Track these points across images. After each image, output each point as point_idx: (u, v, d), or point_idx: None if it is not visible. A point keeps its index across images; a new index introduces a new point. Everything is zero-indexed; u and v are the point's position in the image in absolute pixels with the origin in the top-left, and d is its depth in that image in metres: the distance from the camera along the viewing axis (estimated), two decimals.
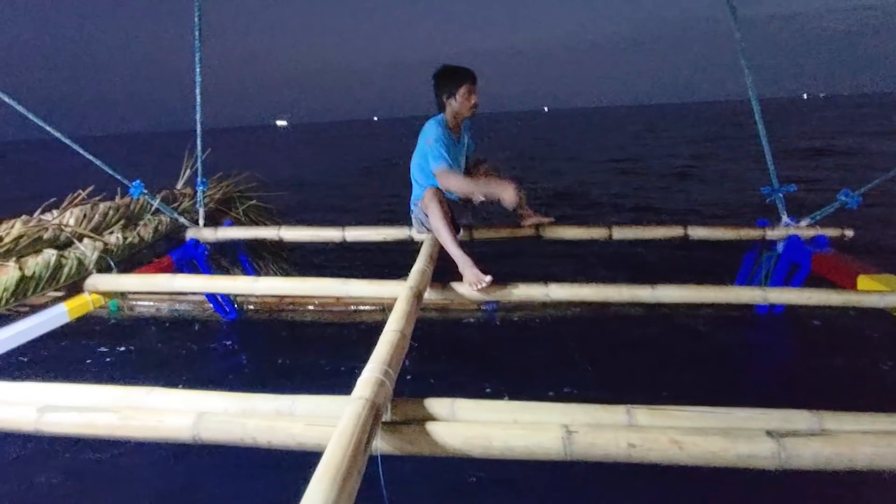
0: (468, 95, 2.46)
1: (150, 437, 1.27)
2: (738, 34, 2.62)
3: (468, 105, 2.48)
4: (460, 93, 2.45)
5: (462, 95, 2.45)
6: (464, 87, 2.44)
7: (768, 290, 2.02)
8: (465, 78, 2.45)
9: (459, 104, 2.47)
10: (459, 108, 2.49)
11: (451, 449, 1.17)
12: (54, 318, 2.15)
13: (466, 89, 2.45)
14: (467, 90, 2.45)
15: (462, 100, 2.46)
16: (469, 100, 2.47)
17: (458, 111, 2.50)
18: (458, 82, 2.44)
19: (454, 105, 2.48)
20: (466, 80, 2.45)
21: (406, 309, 1.63)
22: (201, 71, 2.90)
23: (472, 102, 2.49)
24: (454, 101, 2.47)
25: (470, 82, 2.45)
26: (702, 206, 7.27)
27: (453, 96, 2.46)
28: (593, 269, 4.23)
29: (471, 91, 2.46)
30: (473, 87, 2.47)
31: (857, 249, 2.71)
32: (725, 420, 1.18)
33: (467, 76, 2.45)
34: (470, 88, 2.46)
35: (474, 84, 2.47)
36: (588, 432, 1.14)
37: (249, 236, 3.14)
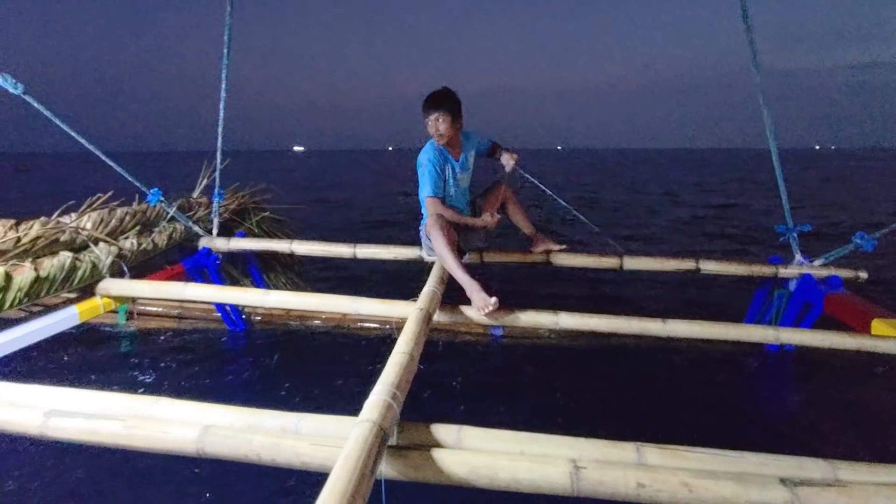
0: (431, 124, 2.43)
1: (154, 448, 1.26)
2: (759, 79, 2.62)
3: (432, 133, 2.45)
4: (426, 122, 2.44)
5: (428, 124, 2.44)
6: (425, 116, 2.43)
7: (781, 330, 2.00)
8: (424, 107, 2.42)
9: (428, 130, 2.47)
10: (431, 134, 2.47)
11: (456, 477, 1.15)
12: (65, 319, 2.17)
13: (427, 119, 2.43)
14: (429, 119, 2.43)
15: (428, 127, 2.45)
16: (428, 128, 2.45)
17: (432, 136, 2.48)
18: (423, 110, 2.44)
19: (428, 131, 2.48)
20: (423, 109, 2.43)
21: (415, 331, 1.62)
22: (227, 87, 2.97)
23: (431, 132, 2.45)
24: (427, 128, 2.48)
25: (425, 112, 2.42)
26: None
27: (424, 124, 2.47)
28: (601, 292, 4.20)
29: (427, 121, 2.43)
30: (428, 116, 2.42)
31: (870, 291, 2.68)
32: (737, 464, 1.16)
33: (424, 105, 2.42)
34: (426, 118, 2.42)
35: (428, 113, 2.42)
36: (596, 468, 1.13)
37: (261, 248, 3.15)
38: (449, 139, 2.48)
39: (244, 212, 3.54)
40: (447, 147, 2.54)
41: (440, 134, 2.44)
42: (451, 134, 2.45)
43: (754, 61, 2.62)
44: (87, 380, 2.69)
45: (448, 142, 2.50)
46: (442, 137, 2.45)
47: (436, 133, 2.44)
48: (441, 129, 2.42)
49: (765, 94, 2.63)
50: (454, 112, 2.43)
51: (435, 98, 2.41)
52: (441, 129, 2.42)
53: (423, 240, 2.65)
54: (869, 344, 1.92)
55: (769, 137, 2.69)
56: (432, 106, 2.41)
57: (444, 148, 2.53)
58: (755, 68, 2.62)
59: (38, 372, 2.78)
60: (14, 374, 2.69)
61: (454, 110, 2.43)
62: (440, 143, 2.49)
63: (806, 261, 2.80)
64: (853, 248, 2.61)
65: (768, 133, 2.69)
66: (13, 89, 2.09)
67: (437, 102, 2.40)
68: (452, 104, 2.43)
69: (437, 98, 2.41)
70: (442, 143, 2.48)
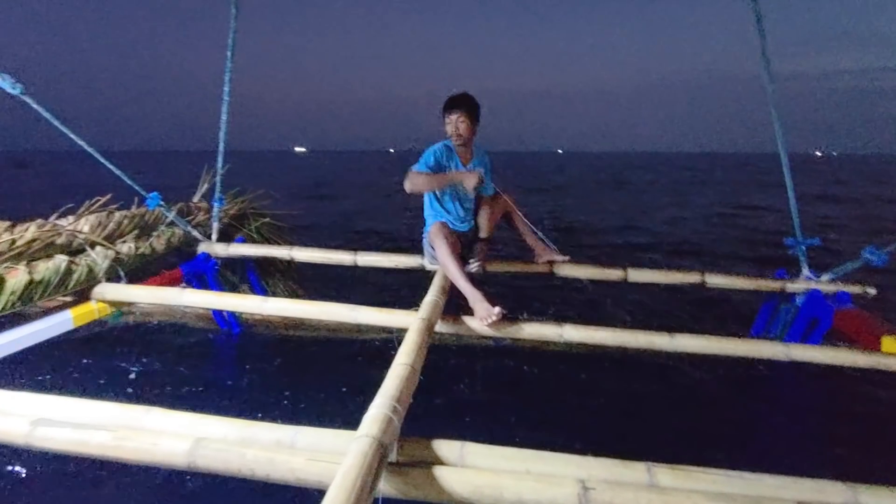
0: (451, 123, 2.48)
1: (143, 461, 1.21)
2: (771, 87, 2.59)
3: (451, 132, 2.50)
4: (446, 120, 2.50)
5: (447, 122, 2.49)
6: (446, 115, 2.49)
7: (791, 347, 1.95)
8: (448, 107, 2.49)
9: (447, 127, 2.51)
10: (448, 133, 2.52)
11: (458, 497, 1.10)
12: (59, 324, 2.12)
13: (448, 118, 2.48)
14: (449, 118, 2.48)
15: (448, 127, 2.50)
16: (451, 128, 2.49)
17: (449, 135, 2.52)
18: (444, 109, 2.50)
19: (446, 130, 2.52)
20: (447, 109, 2.49)
21: (417, 341, 1.58)
22: (230, 91, 2.95)
23: (451, 131, 2.50)
24: (445, 127, 2.52)
25: (447, 111, 2.48)
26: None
27: (444, 123, 2.52)
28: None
29: (448, 118, 2.48)
30: (451, 114, 2.47)
31: (880, 308, 2.63)
32: (754, 487, 1.11)
33: (450, 105, 2.49)
34: (450, 118, 2.48)
35: (452, 112, 2.47)
36: (606, 490, 1.07)
37: (261, 254, 3.11)
38: (465, 141, 2.52)
39: (243, 217, 3.50)
40: (462, 150, 2.56)
41: (459, 134, 2.48)
42: (468, 136, 2.50)
43: (767, 71, 2.59)
44: (79, 385, 2.63)
45: (463, 143, 2.53)
46: (460, 138, 2.49)
47: (455, 133, 2.48)
48: (461, 129, 2.47)
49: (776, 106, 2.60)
50: (474, 115, 2.50)
51: (459, 99, 2.48)
52: (461, 129, 2.47)
53: (426, 248, 2.61)
54: (882, 362, 1.88)
55: (781, 152, 2.66)
56: (456, 105, 2.47)
57: (455, 148, 2.54)
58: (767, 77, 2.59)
59: (28, 375, 2.71)
60: (2, 379, 2.63)
61: (475, 113, 2.51)
62: (456, 142, 2.53)
63: (813, 276, 2.76)
64: (863, 262, 2.57)
65: (780, 147, 2.65)
66: (11, 89, 2.06)
67: (460, 103, 2.47)
68: (474, 107, 2.50)
69: (460, 99, 2.48)
70: (459, 143, 2.52)
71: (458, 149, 2.55)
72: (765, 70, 2.60)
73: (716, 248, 7.45)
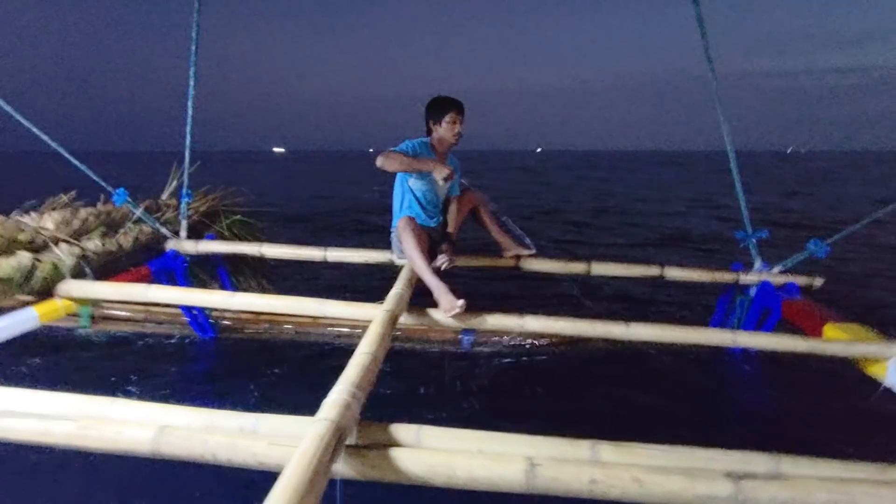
0: (453, 123, 2.56)
1: (108, 448, 1.24)
2: (715, 84, 2.76)
3: (452, 132, 2.58)
4: (446, 119, 2.55)
5: (447, 122, 2.55)
6: (450, 114, 2.55)
7: (738, 334, 2.07)
8: (453, 106, 2.56)
9: (445, 130, 2.57)
10: (444, 134, 2.58)
11: (413, 476, 1.16)
12: (24, 321, 2.10)
13: (451, 117, 2.55)
14: (452, 118, 2.55)
15: (447, 126, 2.56)
16: (453, 127, 2.57)
17: (443, 136, 2.59)
18: (446, 109, 2.55)
19: (440, 130, 2.58)
20: (453, 109, 2.55)
21: (380, 331, 1.63)
22: (195, 84, 2.95)
23: (456, 130, 2.58)
24: (440, 127, 2.58)
25: (456, 111, 2.56)
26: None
27: (439, 122, 2.57)
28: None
29: (456, 119, 2.56)
30: (459, 116, 2.57)
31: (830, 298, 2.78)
32: (687, 459, 1.20)
33: (454, 105, 2.56)
34: (455, 117, 2.56)
35: (460, 114, 2.57)
36: (552, 466, 1.15)
37: (230, 251, 3.12)
38: (452, 145, 2.63)
39: (214, 214, 3.50)
40: (440, 150, 2.63)
41: (456, 133, 2.58)
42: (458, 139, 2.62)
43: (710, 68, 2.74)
44: (44, 384, 2.61)
45: (450, 147, 2.64)
46: (456, 137, 2.58)
47: (452, 133, 2.57)
48: (458, 129, 2.58)
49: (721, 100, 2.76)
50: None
51: (458, 101, 2.58)
52: (458, 129, 2.58)
53: (394, 242, 2.66)
54: (819, 347, 2.00)
55: (728, 149, 2.80)
56: (458, 107, 2.56)
57: (433, 147, 2.61)
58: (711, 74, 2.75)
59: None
60: None
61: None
62: (453, 141, 2.61)
63: (765, 268, 2.89)
64: (808, 254, 2.71)
65: (727, 144, 2.79)
66: None
67: (461, 105, 2.57)
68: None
69: (459, 102, 2.58)
70: (455, 144, 2.62)
71: (437, 148, 2.62)
72: (709, 69, 2.76)
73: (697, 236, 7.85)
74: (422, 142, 2.58)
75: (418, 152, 2.52)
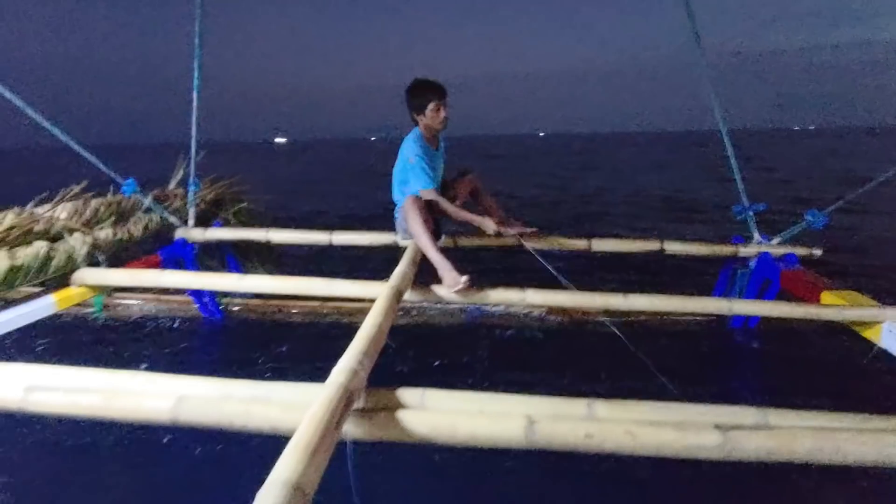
0: (437, 111, 2.55)
1: (131, 418, 1.32)
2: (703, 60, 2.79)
3: (438, 119, 2.57)
4: (430, 108, 2.54)
5: (431, 111, 2.54)
6: (432, 103, 2.53)
7: (734, 302, 2.12)
8: (434, 94, 2.53)
9: (430, 119, 2.56)
10: (430, 123, 2.58)
11: (418, 436, 1.23)
12: (42, 308, 2.19)
13: (435, 105, 2.54)
14: (436, 106, 2.54)
15: (432, 115, 2.55)
16: (439, 114, 2.56)
17: (429, 125, 2.59)
18: (427, 98, 2.53)
19: (425, 120, 2.58)
20: (434, 97, 2.53)
21: (385, 306, 1.70)
22: (200, 75, 3.00)
23: (442, 117, 2.57)
24: (424, 117, 2.57)
25: (438, 98, 2.53)
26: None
27: (423, 112, 2.56)
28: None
29: (439, 106, 2.54)
30: (442, 101, 2.55)
31: (832, 269, 2.82)
32: (679, 414, 1.26)
33: (435, 92, 2.53)
34: (438, 104, 2.54)
35: (443, 99, 2.55)
36: (549, 422, 1.21)
37: (238, 237, 3.19)
38: (440, 131, 2.64)
39: (221, 202, 3.56)
40: (431, 137, 2.65)
41: (442, 119, 2.57)
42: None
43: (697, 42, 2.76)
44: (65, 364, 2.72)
45: (433, 133, 2.64)
46: (443, 123, 2.58)
47: (439, 119, 2.56)
48: (444, 115, 2.56)
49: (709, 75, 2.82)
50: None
51: (438, 86, 2.54)
52: (444, 115, 2.56)
53: (399, 223, 2.71)
54: (814, 312, 2.05)
55: (721, 125, 2.83)
56: (439, 93, 2.53)
57: (426, 139, 2.62)
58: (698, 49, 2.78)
59: (14, 359, 2.79)
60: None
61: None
62: (441, 128, 2.61)
63: (765, 240, 2.92)
64: (805, 225, 2.74)
65: (719, 120, 2.82)
66: None
67: (442, 89, 2.54)
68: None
69: (439, 86, 2.54)
70: (442, 127, 2.61)
71: (427, 136, 2.63)
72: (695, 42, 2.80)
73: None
74: (418, 136, 2.58)
75: (425, 157, 2.54)
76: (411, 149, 2.55)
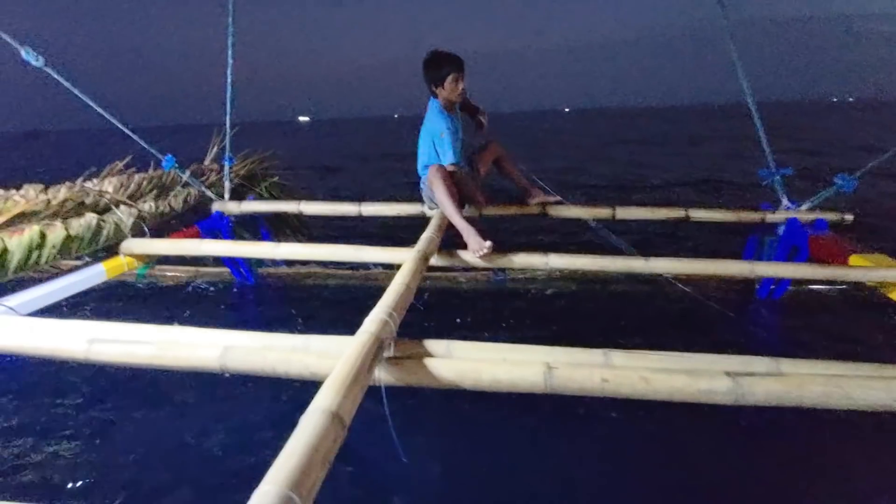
0: (455, 84, 2.58)
1: (183, 366, 1.45)
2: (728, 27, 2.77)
3: (457, 91, 2.60)
4: (447, 81, 2.57)
5: (450, 83, 2.57)
6: (451, 75, 2.56)
7: (756, 264, 2.14)
8: (451, 67, 2.55)
9: (448, 91, 2.59)
10: (448, 95, 2.61)
11: (445, 381, 1.32)
12: (93, 276, 2.36)
13: (453, 78, 2.56)
14: (454, 79, 2.56)
15: (450, 87, 2.58)
16: (456, 87, 2.59)
17: (447, 97, 2.63)
18: (445, 70, 2.55)
19: (443, 92, 2.61)
20: (452, 70, 2.55)
21: (412, 268, 1.78)
22: (233, 53, 3.10)
23: (460, 89, 2.60)
24: (443, 89, 2.60)
25: (455, 71, 2.55)
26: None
27: (441, 85, 2.59)
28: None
29: (457, 79, 2.57)
30: (460, 74, 2.57)
31: (867, 236, 2.77)
32: (692, 363, 1.32)
33: (453, 65, 2.55)
34: (456, 77, 2.56)
35: (460, 71, 2.57)
36: (567, 369, 1.29)
37: (271, 210, 3.32)
38: (458, 103, 2.69)
39: (253, 178, 3.70)
40: (450, 108, 2.69)
41: (460, 92, 2.60)
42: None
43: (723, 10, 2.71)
44: None
45: (456, 103, 2.69)
46: (461, 95, 2.63)
47: (457, 91, 2.59)
48: (462, 87, 2.59)
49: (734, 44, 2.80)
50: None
51: (455, 58, 2.57)
52: (462, 87, 2.59)
53: (425, 192, 2.78)
54: (840, 273, 2.05)
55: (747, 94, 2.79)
56: (457, 65, 2.56)
57: (447, 109, 2.67)
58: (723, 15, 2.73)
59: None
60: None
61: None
62: (458, 100, 2.66)
63: (793, 206, 2.88)
64: (835, 189, 2.70)
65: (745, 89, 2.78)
66: (35, 62, 2.25)
67: (459, 61, 2.57)
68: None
69: (456, 58, 2.57)
70: (460, 100, 2.66)
71: (448, 106, 2.67)
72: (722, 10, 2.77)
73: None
74: (439, 108, 2.63)
75: (451, 129, 2.59)
76: (438, 122, 2.60)
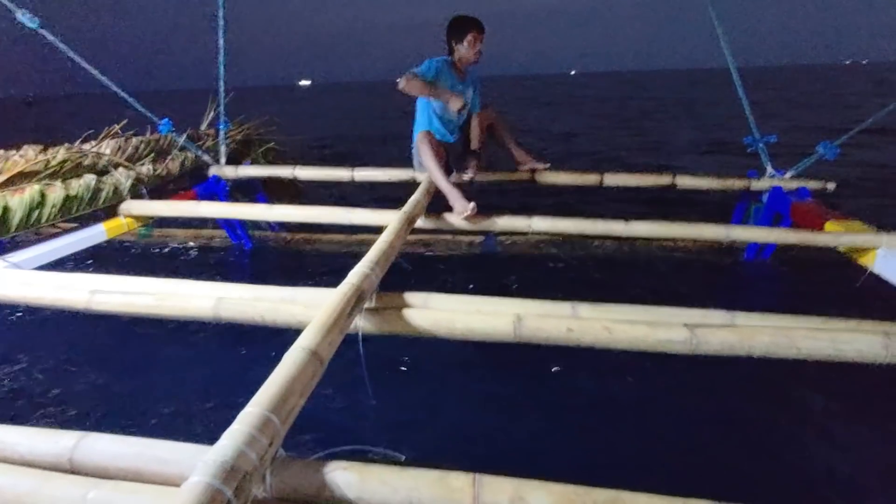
0: (474, 42, 2.68)
1: (179, 315, 1.55)
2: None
3: (473, 51, 2.70)
4: (468, 38, 2.67)
5: (469, 41, 2.67)
6: (471, 33, 2.66)
7: (732, 228, 2.21)
8: (474, 26, 2.67)
9: (466, 49, 2.69)
10: (465, 53, 2.71)
11: (421, 329, 1.42)
12: (94, 235, 2.44)
13: (473, 36, 2.67)
14: (473, 37, 2.67)
15: (468, 45, 2.68)
16: (474, 46, 2.69)
17: (463, 55, 2.71)
18: (467, 29, 2.66)
19: (461, 50, 2.71)
20: (474, 29, 2.67)
21: (397, 228, 1.86)
22: (225, 14, 3.10)
23: (477, 49, 2.70)
24: (462, 46, 2.70)
25: (477, 31, 2.67)
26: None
27: (461, 41, 2.69)
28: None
29: (476, 38, 2.68)
30: (480, 35, 2.69)
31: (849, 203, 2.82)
32: (654, 315, 1.41)
33: (475, 25, 2.68)
34: (476, 36, 2.68)
35: (481, 34, 2.69)
36: (536, 320, 1.38)
37: (266, 174, 3.38)
38: (472, 63, 2.76)
39: (250, 143, 3.75)
40: (461, 67, 2.77)
41: (477, 52, 2.70)
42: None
43: None
44: None
45: (470, 64, 2.76)
46: (477, 55, 2.71)
47: (473, 52, 2.70)
48: (479, 48, 2.70)
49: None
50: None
51: (478, 21, 2.69)
52: (479, 48, 2.70)
53: (414, 156, 2.85)
54: (810, 238, 2.12)
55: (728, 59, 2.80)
56: (479, 27, 2.67)
57: (454, 65, 2.75)
58: None
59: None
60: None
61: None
62: (474, 60, 2.74)
63: (778, 174, 2.94)
64: (817, 156, 2.75)
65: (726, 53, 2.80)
66: (30, 24, 2.28)
67: (481, 25, 2.68)
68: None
69: (479, 22, 2.69)
70: (475, 60, 2.74)
71: (458, 66, 2.76)
72: None
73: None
74: (444, 60, 2.70)
75: (441, 71, 2.63)
76: (433, 61, 2.64)
